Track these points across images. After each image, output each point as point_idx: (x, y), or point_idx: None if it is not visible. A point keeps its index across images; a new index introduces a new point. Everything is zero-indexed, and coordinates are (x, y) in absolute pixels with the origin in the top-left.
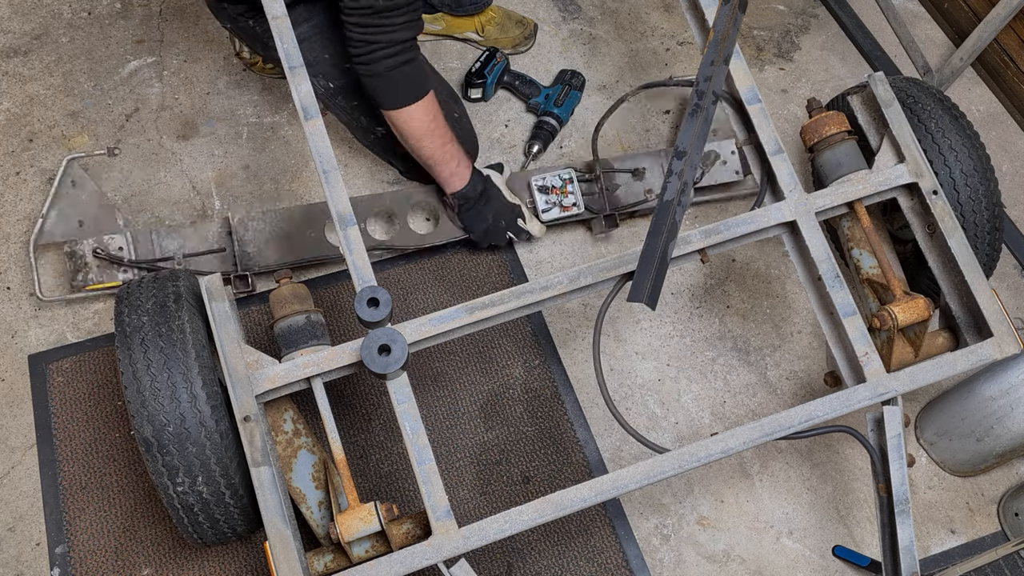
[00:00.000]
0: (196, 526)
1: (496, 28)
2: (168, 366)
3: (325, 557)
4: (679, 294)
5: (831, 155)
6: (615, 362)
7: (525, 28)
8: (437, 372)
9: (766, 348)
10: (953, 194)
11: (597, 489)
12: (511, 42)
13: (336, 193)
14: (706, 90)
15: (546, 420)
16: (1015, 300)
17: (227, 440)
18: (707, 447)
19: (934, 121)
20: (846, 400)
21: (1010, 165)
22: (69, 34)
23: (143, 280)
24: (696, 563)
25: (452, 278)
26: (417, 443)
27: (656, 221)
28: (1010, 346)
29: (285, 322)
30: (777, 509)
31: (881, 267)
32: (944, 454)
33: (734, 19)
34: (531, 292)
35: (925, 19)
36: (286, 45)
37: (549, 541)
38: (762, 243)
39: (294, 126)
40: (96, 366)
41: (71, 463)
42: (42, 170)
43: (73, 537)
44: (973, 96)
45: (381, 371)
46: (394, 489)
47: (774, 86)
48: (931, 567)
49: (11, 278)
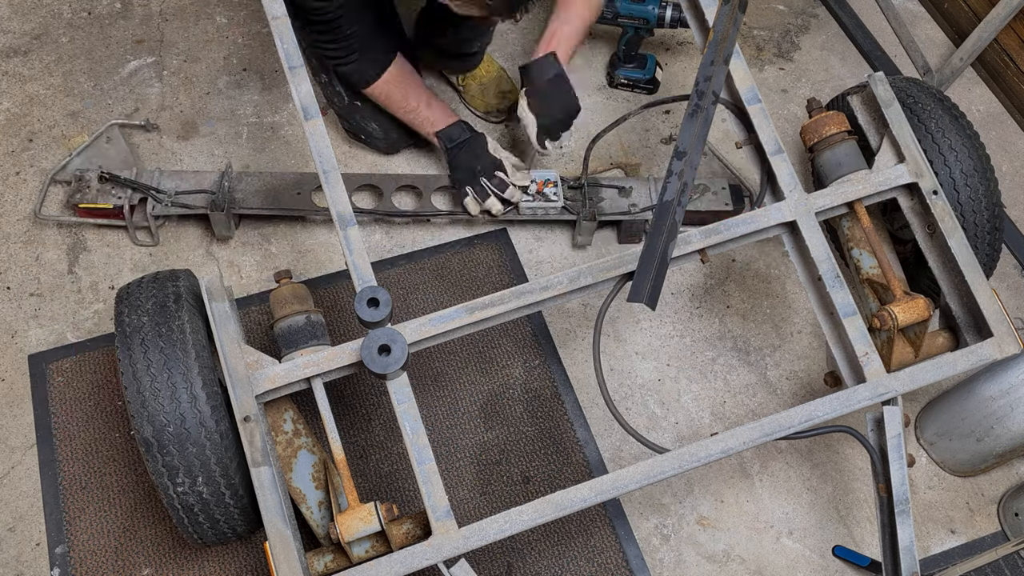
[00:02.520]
0: (196, 526)
1: (476, 86)
2: (168, 366)
3: (325, 557)
4: (679, 294)
5: (831, 155)
6: (615, 362)
7: (503, 101)
8: (437, 372)
9: (766, 348)
10: (953, 194)
11: (597, 489)
12: (484, 108)
13: (336, 193)
14: (706, 90)
15: (546, 420)
16: (1015, 300)
17: (227, 440)
18: (707, 447)
19: (934, 121)
20: (846, 400)
21: (1010, 165)
22: (69, 34)
23: (143, 280)
24: (696, 563)
25: (452, 278)
26: (417, 443)
27: (656, 221)
28: (1010, 346)
29: (285, 322)
30: (777, 509)
31: (881, 267)
32: (944, 454)
33: (734, 19)
34: (531, 292)
35: (925, 19)
36: (286, 45)
37: (549, 541)
38: (762, 243)
39: (294, 126)
40: (96, 366)
41: (71, 463)
42: (42, 170)
43: (73, 537)
44: (973, 96)
45: (381, 371)
46: (394, 489)
47: (774, 86)
48: (931, 567)
49: (11, 278)
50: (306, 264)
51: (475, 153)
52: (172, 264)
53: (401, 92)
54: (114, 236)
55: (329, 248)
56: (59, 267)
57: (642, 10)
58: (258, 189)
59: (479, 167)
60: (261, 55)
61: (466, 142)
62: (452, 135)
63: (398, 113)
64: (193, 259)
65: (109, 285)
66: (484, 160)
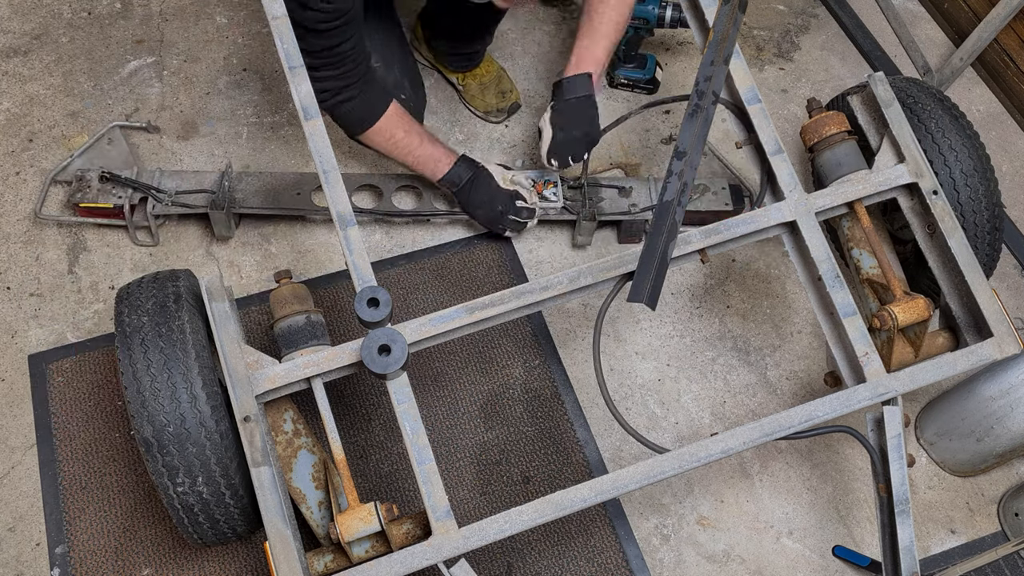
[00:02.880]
0: (196, 526)
1: (477, 85)
2: (168, 366)
3: (325, 557)
4: (679, 294)
5: (831, 155)
6: (615, 362)
7: (503, 101)
8: (437, 372)
9: (766, 348)
10: (953, 194)
11: (597, 489)
12: (484, 107)
13: (336, 193)
14: (706, 90)
15: (546, 420)
16: (1015, 300)
17: (227, 440)
18: (707, 447)
19: (934, 121)
20: (846, 400)
21: (1010, 165)
22: (69, 34)
23: (143, 280)
24: (696, 563)
25: (452, 278)
26: (417, 443)
27: (656, 221)
28: (1010, 346)
29: (285, 322)
30: (777, 509)
31: (881, 267)
32: (944, 454)
33: (734, 19)
34: (531, 292)
35: (925, 19)
36: (286, 45)
37: (549, 541)
38: (762, 243)
39: (294, 126)
40: (96, 366)
41: (71, 463)
42: (42, 170)
43: (73, 537)
44: (973, 96)
45: (381, 371)
46: (394, 489)
47: (774, 86)
48: (931, 567)
49: (11, 278)
50: (306, 264)
51: (489, 195)
52: (172, 264)
53: (400, 134)
54: (114, 236)
55: (329, 248)
56: (59, 267)
57: (642, 10)
58: (258, 189)
59: (500, 207)
60: (261, 55)
61: (472, 182)
62: (455, 179)
63: (397, 157)
64: (193, 259)
65: (109, 285)
66: (501, 198)
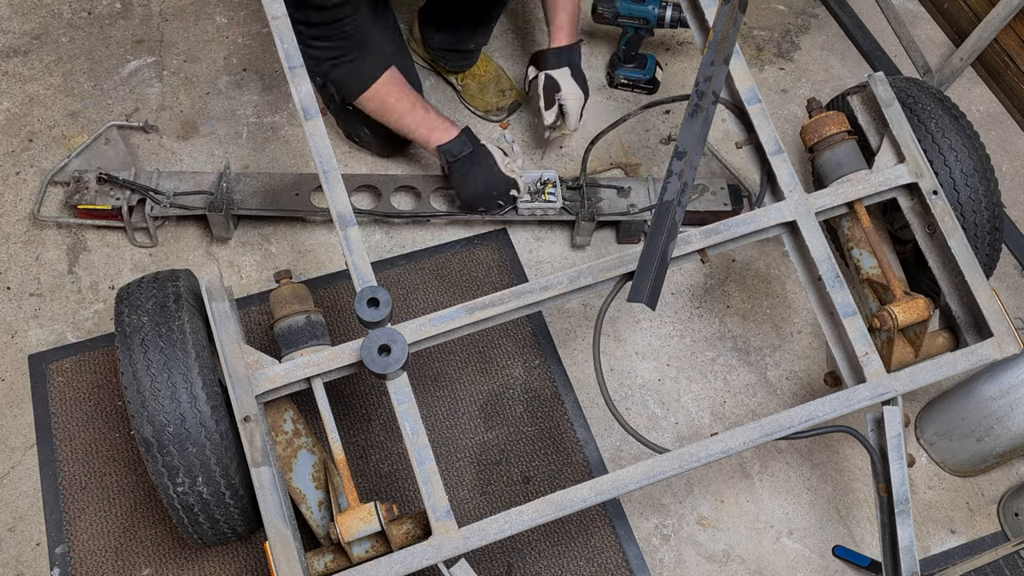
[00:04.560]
0: (196, 526)
1: (476, 85)
2: (168, 366)
3: (325, 557)
4: (679, 294)
5: (831, 155)
6: (615, 362)
7: (503, 99)
8: (437, 372)
9: (766, 348)
10: (953, 194)
11: (597, 489)
12: (484, 107)
13: (336, 193)
14: (706, 90)
15: (546, 420)
16: (1015, 300)
17: (227, 440)
18: (707, 447)
19: (934, 121)
20: (846, 400)
21: (1010, 165)
22: (69, 34)
23: (143, 280)
24: (696, 563)
25: (452, 278)
26: (417, 443)
27: (656, 221)
28: (1010, 346)
29: (285, 322)
30: (777, 509)
31: (881, 267)
32: (944, 454)
33: (734, 19)
34: (531, 292)
35: (925, 19)
36: (286, 45)
37: (549, 541)
38: (762, 243)
39: (294, 126)
40: (96, 366)
41: (71, 463)
42: (42, 170)
43: (73, 537)
44: (973, 96)
45: (381, 371)
46: (394, 489)
47: (774, 86)
48: (931, 567)
49: (11, 278)
50: (306, 264)
51: (489, 174)
52: (172, 264)
53: (396, 97)
54: (114, 236)
55: (329, 248)
56: (59, 267)
57: (642, 10)
58: (256, 190)
59: (495, 191)
60: (261, 55)
61: (471, 158)
62: (454, 150)
63: (394, 122)
64: (193, 259)
65: (109, 285)
66: (498, 181)
